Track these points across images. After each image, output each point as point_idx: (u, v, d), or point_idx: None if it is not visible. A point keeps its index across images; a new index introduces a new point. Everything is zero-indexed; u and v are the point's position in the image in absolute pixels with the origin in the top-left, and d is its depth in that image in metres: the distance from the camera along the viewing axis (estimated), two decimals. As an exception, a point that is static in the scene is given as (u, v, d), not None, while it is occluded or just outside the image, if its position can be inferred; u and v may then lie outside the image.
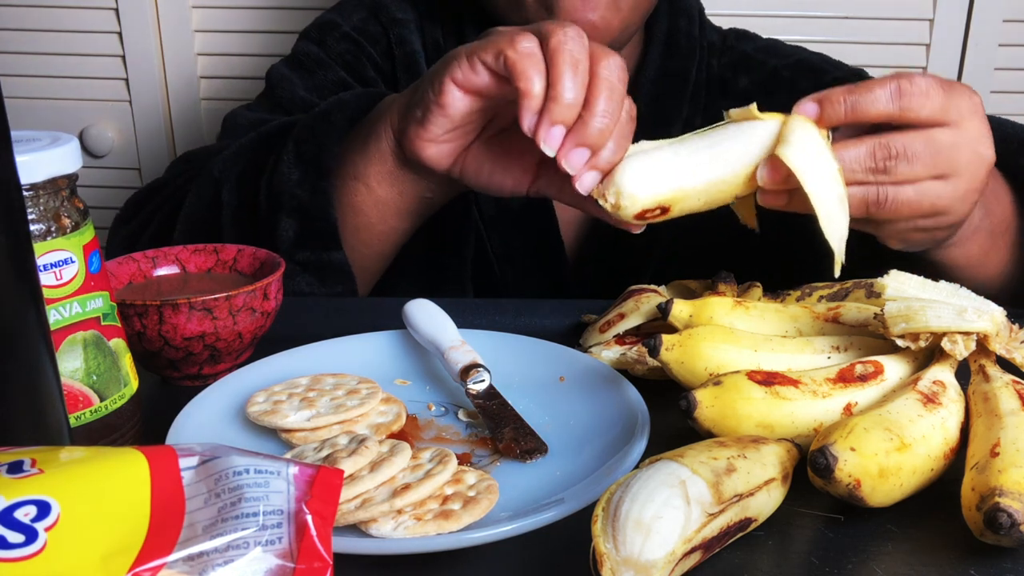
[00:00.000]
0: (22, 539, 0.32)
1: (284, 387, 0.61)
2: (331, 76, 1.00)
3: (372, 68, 1.02)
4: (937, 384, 0.54)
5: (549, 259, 1.00)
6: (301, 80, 1.01)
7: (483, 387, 0.61)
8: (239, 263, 0.73)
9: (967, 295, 0.56)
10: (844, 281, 0.70)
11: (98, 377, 0.54)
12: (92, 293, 0.53)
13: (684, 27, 1.01)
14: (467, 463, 0.55)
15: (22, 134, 0.52)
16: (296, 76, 1.01)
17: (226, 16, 1.46)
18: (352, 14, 1.04)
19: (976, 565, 0.47)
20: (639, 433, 0.55)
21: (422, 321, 0.69)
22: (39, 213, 0.51)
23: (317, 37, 1.04)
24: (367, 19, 1.04)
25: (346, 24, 1.03)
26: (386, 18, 1.03)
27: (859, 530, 0.50)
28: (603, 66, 0.62)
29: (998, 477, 0.46)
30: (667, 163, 0.61)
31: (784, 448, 0.52)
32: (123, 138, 1.53)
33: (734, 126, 0.62)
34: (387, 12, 1.03)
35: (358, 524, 0.47)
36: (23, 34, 1.48)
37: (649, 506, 0.43)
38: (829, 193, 0.59)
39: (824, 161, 0.60)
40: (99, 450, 0.37)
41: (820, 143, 0.60)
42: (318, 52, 1.02)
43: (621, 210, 0.61)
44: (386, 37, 1.03)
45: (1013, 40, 1.41)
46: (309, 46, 1.03)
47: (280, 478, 0.37)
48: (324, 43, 1.03)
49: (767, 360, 0.59)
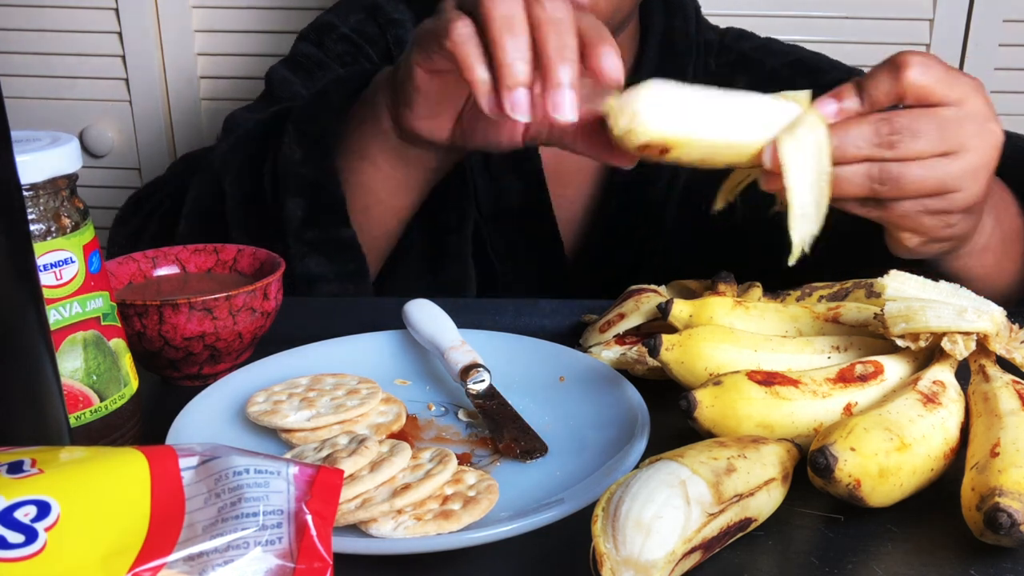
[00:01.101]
0: (22, 539, 0.32)
1: (284, 387, 0.61)
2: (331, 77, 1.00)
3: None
4: (937, 384, 0.54)
5: (548, 257, 1.00)
6: (301, 81, 1.01)
7: (483, 387, 0.61)
8: (239, 263, 0.73)
9: (967, 295, 0.56)
10: (844, 281, 0.70)
11: (98, 377, 0.54)
12: (92, 293, 0.53)
13: (680, 26, 1.01)
14: (467, 463, 0.55)
15: (22, 134, 0.52)
16: (296, 77, 1.01)
17: (226, 16, 1.46)
18: (349, 15, 1.05)
19: (976, 565, 0.47)
20: (639, 433, 0.55)
21: (422, 321, 0.69)
22: (39, 213, 0.51)
23: (315, 39, 1.04)
24: (364, 20, 1.04)
25: (344, 25, 1.03)
26: (383, 19, 1.03)
27: (859, 530, 0.50)
28: (538, 7, 0.61)
29: (998, 477, 0.46)
30: (690, 103, 0.60)
31: (784, 448, 0.52)
32: (123, 138, 1.53)
33: (766, 98, 0.61)
34: (384, 13, 1.03)
35: (358, 524, 0.47)
36: (23, 34, 1.48)
37: (649, 506, 0.43)
38: (808, 195, 0.59)
39: (817, 163, 0.59)
40: (99, 450, 0.37)
41: (823, 144, 0.60)
42: (317, 53, 1.02)
43: (629, 134, 0.59)
44: (384, 38, 1.03)
45: (1013, 40, 1.41)
46: (308, 47, 1.03)
47: (280, 478, 0.37)
48: (322, 44, 1.03)
49: (767, 360, 0.59)
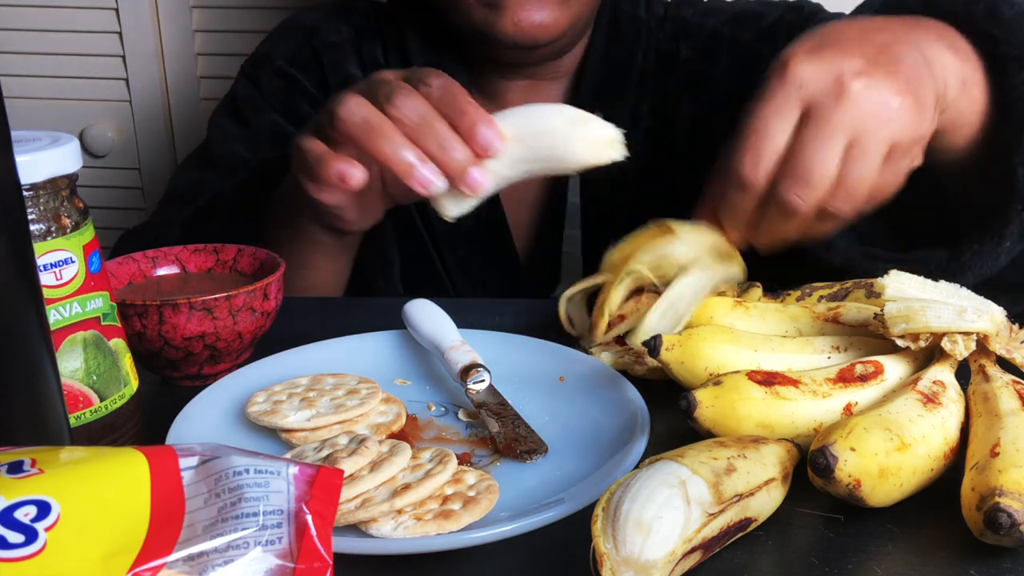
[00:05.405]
0: (22, 539, 0.32)
1: (284, 387, 0.61)
2: (264, 121, 1.01)
3: (307, 102, 1.02)
4: (937, 384, 0.54)
5: (504, 270, 1.00)
6: (238, 130, 1.02)
7: (483, 387, 0.61)
8: (239, 263, 0.73)
9: (967, 295, 0.56)
10: (844, 281, 0.70)
11: (98, 377, 0.54)
12: (92, 293, 0.53)
13: (627, 10, 0.99)
14: (467, 463, 0.55)
15: (22, 134, 0.52)
16: (233, 126, 1.02)
17: (226, 16, 1.46)
18: (285, 42, 1.04)
19: (976, 565, 0.47)
20: (639, 433, 0.55)
21: (422, 321, 0.69)
22: (39, 213, 0.51)
23: (253, 74, 1.04)
24: (301, 45, 1.03)
25: (279, 57, 1.03)
26: (319, 42, 1.02)
27: (859, 530, 0.50)
28: (393, 109, 0.64)
29: (998, 477, 0.46)
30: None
31: (784, 448, 0.52)
32: (123, 138, 1.53)
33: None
34: (320, 36, 1.02)
35: (358, 524, 0.47)
36: (23, 34, 1.48)
37: (649, 506, 0.43)
38: (669, 314, 0.64)
39: (690, 300, 0.64)
40: (99, 450, 0.37)
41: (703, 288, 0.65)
42: (253, 93, 1.03)
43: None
44: (319, 64, 1.02)
45: (1013, 40, 1.41)
46: (246, 87, 1.04)
47: (280, 478, 0.37)
48: (259, 82, 1.03)
49: (767, 360, 0.59)
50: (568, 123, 0.64)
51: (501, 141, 0.64)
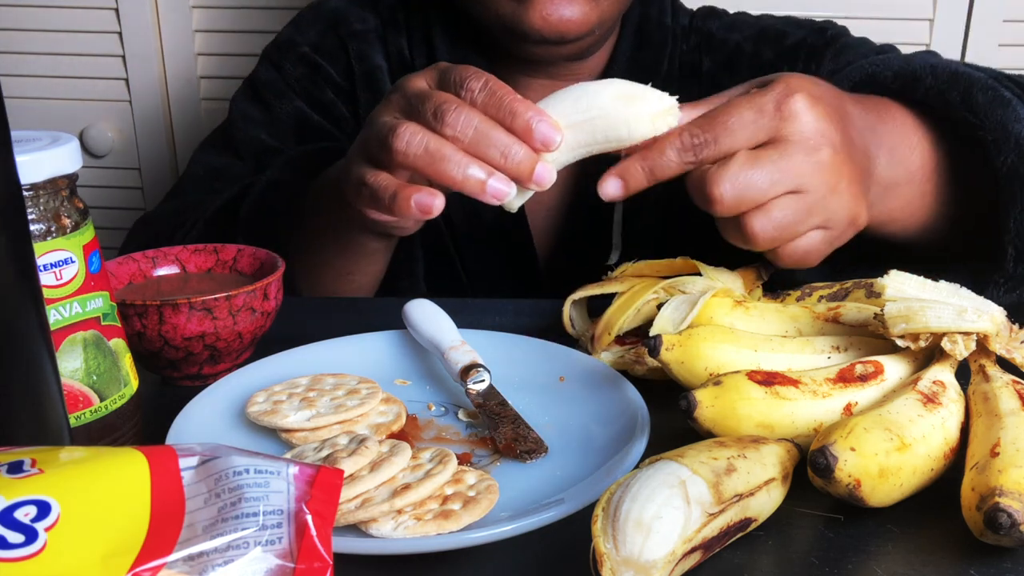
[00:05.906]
0: (22, 539, 0.32)
1: (284, 387, 0.61)
2: (287, 108, 1.01)
3: (331, 89, 1.01)
4: (937, 384, 0.54)
5: (523, 272, 0.99)
6: (260, 115, 1.01)
7: (483, 387, 0.61)
8: (239, 263, 0.73)
9: (967, 295, 0.56)
10: (844, 281, 0.70)
11: (98, 377, 0.54)
12: (92, 293, 0.53)
13: (655, 16, 0.99)
14: (467, 463, 0.55)
15: (22, 134, 0.52)
16: (256, 111, 1.02)
17: (226, 16, 1.46)
18: (310, 28, 1.03)
19: (976, 565, 0.47)
20: (639, 433, 0.55)
21: (422, 321, 0.69)
22: (39, 213, 0.51)
23: (276, 59, 1.03)
24: (325, 33, 1.02)
25: (304, 43, 1.02)
26: (345, 31, 1.01)
27: (859, 530, 0.50)
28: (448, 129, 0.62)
29: (998, 477, 0.46)
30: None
31: (784, 448, 0.52)
32: (123, 138, 1.53)
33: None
34: (346, 24, 1.02)
35: (358, 524, 0.47)
36: (23, 34, 1.48)
37: (649, 506, 0.43)
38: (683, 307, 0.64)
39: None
40: (99, 450, 0.37)
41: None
42: (276, 78, 1.02)
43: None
44: (345, 53, 1.01)
45: (1013, 40, 1.41)
46: (268, 71, 1.03)
47: (280, 478, 0.37)
48: (282, 67, 1.02)
49: (767, 360, 0.59)
50: (622, 102, 0.62)
51: (558, 133, 0.62)
